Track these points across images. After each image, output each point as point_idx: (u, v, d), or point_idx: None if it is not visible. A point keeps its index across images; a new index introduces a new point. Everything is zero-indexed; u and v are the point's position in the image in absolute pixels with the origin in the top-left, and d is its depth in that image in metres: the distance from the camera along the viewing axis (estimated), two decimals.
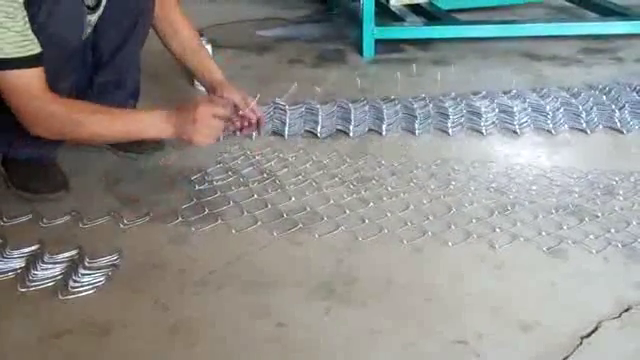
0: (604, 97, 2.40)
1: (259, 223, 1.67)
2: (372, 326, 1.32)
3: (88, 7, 1.68)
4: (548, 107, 2.31)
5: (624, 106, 2.31)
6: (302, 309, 1.38)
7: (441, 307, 1.38)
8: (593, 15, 3.44)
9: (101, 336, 1.30)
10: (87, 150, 2.04)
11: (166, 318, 1.35)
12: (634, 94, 2.43)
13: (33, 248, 1.55)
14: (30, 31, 1.47)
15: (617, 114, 2.26)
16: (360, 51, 3.00)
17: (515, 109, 2.30)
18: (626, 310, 1.35)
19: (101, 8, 1.73)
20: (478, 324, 1.32)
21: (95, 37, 1.83)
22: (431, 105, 2.35)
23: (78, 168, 1.93)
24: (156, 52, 1.87)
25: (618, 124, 2.22)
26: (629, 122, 2.23)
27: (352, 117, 2.24)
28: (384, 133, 2.19)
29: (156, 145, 2.02)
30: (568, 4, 3.72)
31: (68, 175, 1.85)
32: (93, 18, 1.74)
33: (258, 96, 1.89)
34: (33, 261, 1.50)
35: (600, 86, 2.51)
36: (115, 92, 1.96)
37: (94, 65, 1.90)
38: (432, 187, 1.84)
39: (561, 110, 2.30)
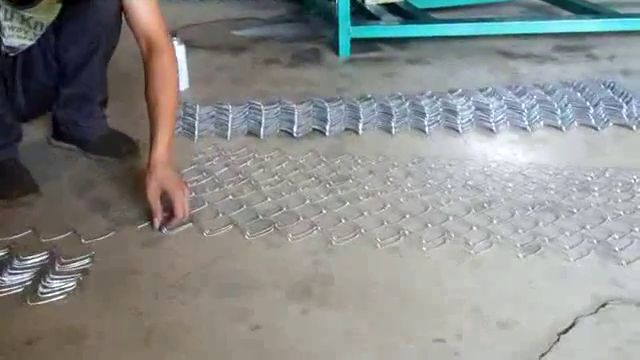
0: (579, 94, 2.42)
1: (234, 224, 1.64)
2: (350, 327, 1.31)
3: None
4: (524, 104, 2.32)
5: (598, 103, 2.33)
6: (279, 311, 1.36)
7: (419, 307, 1.37)
8: (567, 13, 3.48)
9: (73, 343, 1.27)
10: (61, 154, 2.01)
11: (141, 323, 1.32)
12: (608, 91, 2.45)
13: (1, 253, 1.51)
14: None
15: (591, 111, 2.27)
16: (336, 50, 2.99)
17: (491, 107, 2.30)
18: (602, 305, 1.36)
19: (38, 8, 1.68)
20: (456, 323, 1.31)
21: (59, 50, 1.84)
22: (407, 104, 2.34)
23: (51, 172, 1.90)
24: (129, 52, 1.84)
25: (593, 121, 2.23)
26: (603, 119, 2.25)
27: (328, 116, 2.23)
28: (360, 132, 2.18)
29: (130, 148, 1.99)
30: (542, 2, 3.75)
31: (40, 179, 1.81)
32: (31, 16, 1.70)
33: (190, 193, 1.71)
34: (1, 267, 1.46)
35: (574, 83, 2.52)
36: (81, 104, 1.95)
37: (59, 77, 1.89)
38: (409, 185, 1.84)
39: (536, 107, 2.30)
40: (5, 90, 1.76)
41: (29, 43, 1.78)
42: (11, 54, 1.77)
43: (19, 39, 1.74)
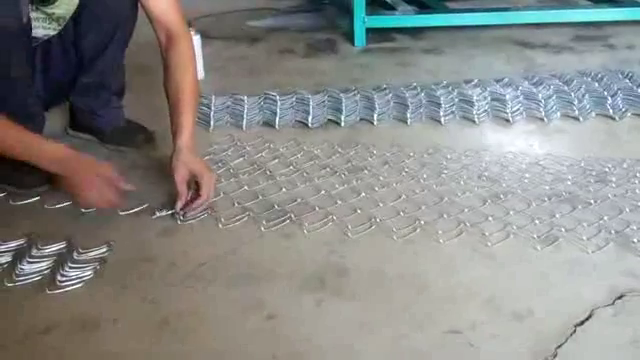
0: (596, 84, 2.39)
1: (250, 215, 1.65)
2: (364, 318, 1.31)
3: None
4: (540, 95, 2.30)
5: (616, 93, 2.30)
6: (293, 301, 1.36)
7: (434, 298, 1.37)
8: (584, 2, 3.43)
9: (89, 331, 1.28)
10: (78, 144, 2.02)
11: (155, 312, 1.33)
12: (626, 81, 2.42)
13: (20, 242, 1.52)
14: None
15: (609, 101, 2.25)
16: (351, 40, 2.98)
17: (507, 97, 2.29)
18: (619, 297, 1.35)
19: (59, 3, 1.71)
20: (471, 314, 1.31)
21: (77, 38, 1.85)
22: (423, 94, 2.33)
23: None
24: (142, 43, 1.84)
25: (610, 111, 2.21)
26: (621, 109, 2.22)
27: (343, 107, 2.22)
28: (375, 122, 2.17)
29: (147, 138, 2.00)
30: None
31: None
32: (53, 11, 1.72)
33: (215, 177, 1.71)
34: (20, 255, 1.47)
35: (592, 73, 2.50)
36: (98, 92, 1.96)
37: (77, 66, 1.90)
38: (424, 176, 1.83)
39: (553, 98, 2.28)
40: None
41: (52, 33, 1.79)
42: (33, 44, 1.78)
43: (44, 30, 1.76)
